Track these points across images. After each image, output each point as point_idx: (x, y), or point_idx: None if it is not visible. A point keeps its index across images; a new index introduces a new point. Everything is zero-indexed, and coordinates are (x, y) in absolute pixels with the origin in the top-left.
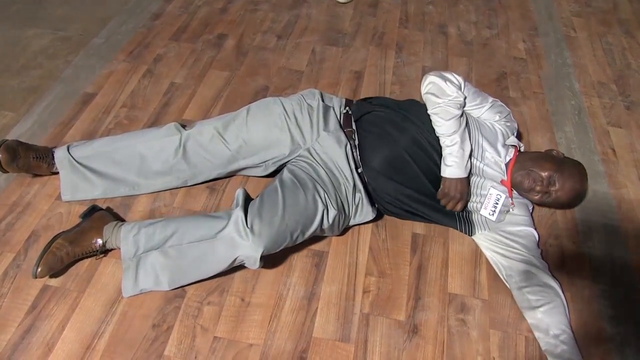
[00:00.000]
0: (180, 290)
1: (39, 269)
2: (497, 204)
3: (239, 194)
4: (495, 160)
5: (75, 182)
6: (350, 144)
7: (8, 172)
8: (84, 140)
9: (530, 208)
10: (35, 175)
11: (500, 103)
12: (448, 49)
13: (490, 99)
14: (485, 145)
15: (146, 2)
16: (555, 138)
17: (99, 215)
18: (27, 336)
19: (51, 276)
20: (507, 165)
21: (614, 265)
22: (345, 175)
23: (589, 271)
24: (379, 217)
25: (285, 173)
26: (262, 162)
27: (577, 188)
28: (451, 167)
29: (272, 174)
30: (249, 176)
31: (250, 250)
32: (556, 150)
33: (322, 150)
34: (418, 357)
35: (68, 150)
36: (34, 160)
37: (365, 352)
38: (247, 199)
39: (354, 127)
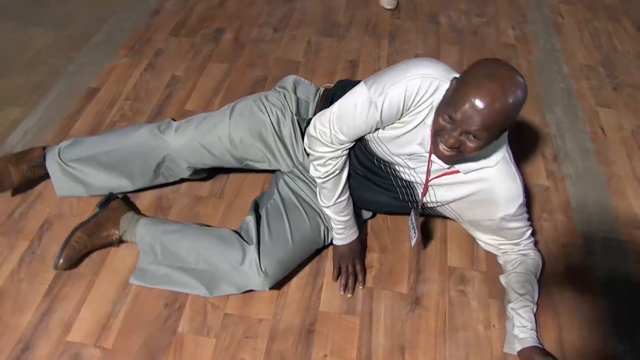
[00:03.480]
0: None
1: (61, 262)
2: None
3: (250, 225)
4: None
5: (68, 183)
6: None
7: (7, 190)
8: (73, 139)
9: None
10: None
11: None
12: (440, 37)
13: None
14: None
15: None
16: (545, 119)
17: (115, 205)
18: (46, 317)
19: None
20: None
21: (607, 241)
22: None
23: (582, 246)
24: None
25: (285, 189)
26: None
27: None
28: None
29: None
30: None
31: (260, 286)
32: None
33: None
34: (421, 327)
35: (59, 155)
36: (29, 171)
37: (371, 323)
38: (257, 220)
39: None
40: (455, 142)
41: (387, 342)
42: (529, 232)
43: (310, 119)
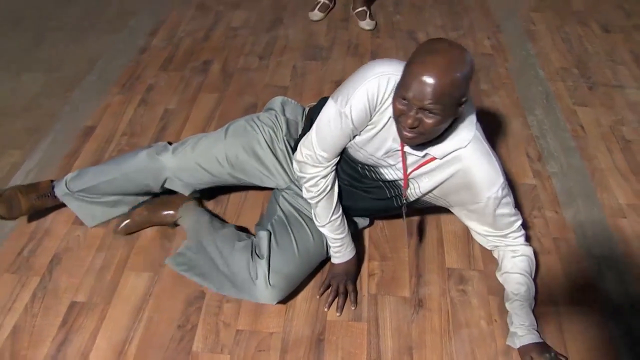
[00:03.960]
0: (199, 292)
1: (120, 228)
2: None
3: (264, 240)
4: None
5: (88, 210)
6: None
7: (15, 219)
8: (78, 170)
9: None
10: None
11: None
12: None
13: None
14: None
15: (132, 38)
16: (527, 121)
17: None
18: (63, 348)
19: (77, 291)
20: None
21: (595, 231)
22: None
23: (573, 238)
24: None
25: (286, 205)
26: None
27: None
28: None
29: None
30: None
31: (268, 299)
32: None
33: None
34: (426, 327)
35: (66, 185)
36: (37, 200)
37: (378, 328)
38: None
39: None
40: (414, 121)
41: (395, 344)
42: (518, 223)
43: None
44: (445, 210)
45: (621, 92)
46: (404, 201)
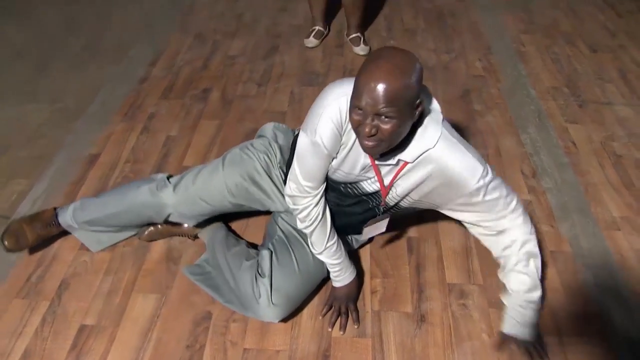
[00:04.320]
0: (206, 313)
1: (144, 235)
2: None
3: (266, 259)
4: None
5: (94, 237)
6: None
7: (23, 250)
8: (81, 200)
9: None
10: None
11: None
12: None
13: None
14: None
15: (132, 68)
16: (521, 139)
17: None
18: None
19: (86, 315)
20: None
21: (591, 243)
22: None
23: (569, 251)
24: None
25: (285, 225)
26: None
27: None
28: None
29: None
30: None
31: (271, 317)
32: None
33: None
34: (429, 341)
35: (70, 217)
36: (42, 230)
37: (382, 343)
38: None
39: None
40: (371, 128)
41: (400, 359)
42: (513, 203)
43: None
44: (443, 227)
45: (610, 108)
46: (381, 209)
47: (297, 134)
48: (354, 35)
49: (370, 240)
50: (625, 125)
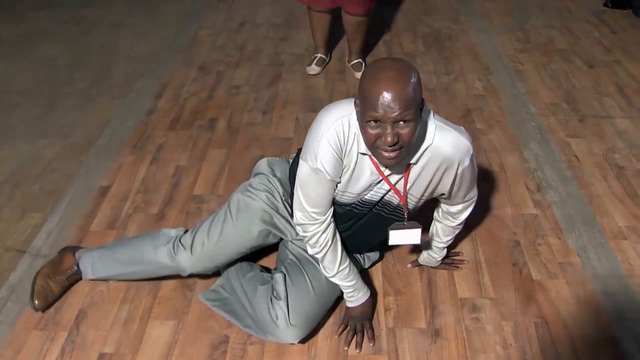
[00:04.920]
0: (223, 337)
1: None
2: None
3: (280, 282)
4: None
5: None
6: None
7: (52, 305)
8: (99, 251)
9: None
10: None
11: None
12: None
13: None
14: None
15: (139, 101)
16: (524, 155)
17: None
18: None
19: (104, 344)
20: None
21: (598, 253)
22: None
23: (577, 262)
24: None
25: (295, 249)
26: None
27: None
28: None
29: None
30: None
31: (290, 339)
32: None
33: None
34: (444, 356)
35: (92, 272)
36: (67, 281)
37: (398, 359)
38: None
39: None
40: (394, 137)
41: None
42: (474, 192)
43: None
44: (452, 243)
45: (610, 122)
46: (405, 215)
47: (293, 162)
48: (355, 61)
49: (381, 257)
50: (625, 137)
